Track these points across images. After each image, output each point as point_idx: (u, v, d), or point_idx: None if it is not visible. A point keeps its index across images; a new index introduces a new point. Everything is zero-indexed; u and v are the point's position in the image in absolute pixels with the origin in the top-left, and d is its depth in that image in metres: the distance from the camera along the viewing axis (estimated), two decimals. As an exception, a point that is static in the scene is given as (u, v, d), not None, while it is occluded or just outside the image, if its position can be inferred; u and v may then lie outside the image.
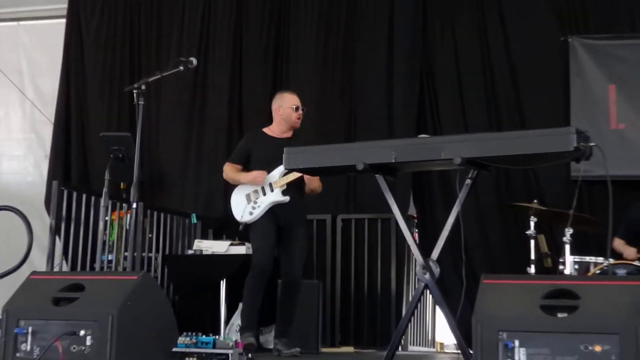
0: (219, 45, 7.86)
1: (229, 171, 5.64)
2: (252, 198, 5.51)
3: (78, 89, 8.13)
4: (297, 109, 5.65)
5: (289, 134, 5.63)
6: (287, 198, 5.44)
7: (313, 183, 5.53)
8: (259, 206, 5.48)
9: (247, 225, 5.49)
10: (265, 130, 5.70)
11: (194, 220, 7.31)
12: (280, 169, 5.46)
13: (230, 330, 6.05)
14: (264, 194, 5.52)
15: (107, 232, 6.43)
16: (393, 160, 3.70)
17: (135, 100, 4.79)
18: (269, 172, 5.55)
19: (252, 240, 5.53)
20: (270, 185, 5.52)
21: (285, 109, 5.66)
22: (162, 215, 7.03)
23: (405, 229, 3.90)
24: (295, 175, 5.42)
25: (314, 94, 7.45)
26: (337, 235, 7.12)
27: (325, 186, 5.78)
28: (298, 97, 5.72)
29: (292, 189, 5.52)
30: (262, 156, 5.54)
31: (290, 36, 7.64)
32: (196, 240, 6.57)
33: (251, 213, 5.46)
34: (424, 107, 7.21)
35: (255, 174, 5.49)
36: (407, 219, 6.00)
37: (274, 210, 5.49)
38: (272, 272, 5.45)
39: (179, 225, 7.20)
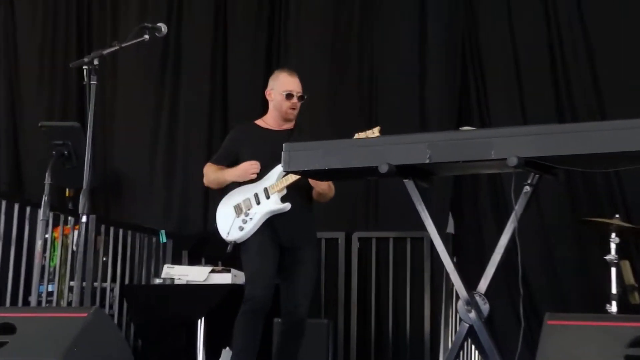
0: (196, 6, 7.76)
1: (211, 172, 5.60)
2: (242, 208, 5.46)
3: (9, 66, 8.11)
4: (289, 96, 5.57)
5: (289, 126, 5.59)
6: (287, 205, 5.38)
7: (321, 184, 5.44)
8: (251, 218, 5.42)
9: (237, 245, 5.41)
10: (259, 122, 5.65)
11: (164, 239, 7.30)
12: (279, 170, 5.39)
13: (212, 387, 6.15)
14: (258, 202, 5.46)
15: (47, 254, 6.37)
16: (427, 161, 3.66)
17: (85, 79, 4.76)
18: (263, 175, 5.49)
19: (244, 266, 5.47)
20: (266, 190, 5.45)
21: (276, 94, 5.63)
22: (120, 232, 6.95)
23: (444, 252, 3.86)
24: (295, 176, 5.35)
25: (324, 74, 7.29)
26: (352, 259, 7.05)
27: (339, 195, 5.66)
28: (299, 79, 5.64)
29: (295, 193, 5.46)
30: (254, 155, 5.49)
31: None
32: (166, 266, 6.57)
33: (241, 228, 5.39)
34: (468, 91, 7.12)
35: (244, 165, 5.46)
36: (446, 238, 5.91)
37: (273, 223, 5.42)
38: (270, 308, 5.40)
39: (143, 246, 7.14)
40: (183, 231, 7.51)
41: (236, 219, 5.43)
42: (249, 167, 5.39)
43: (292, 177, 5.36)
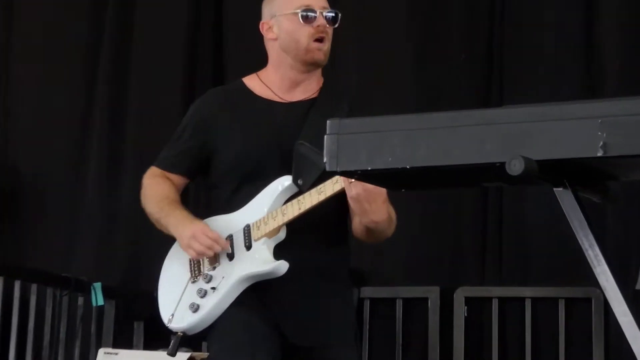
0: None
1: (149, 193, 4.10)
2: (202, 267, 3.95)
3: None
4: (308, 14, 3.97)
5: (311, 91, 4.06)
6: (279, 266, 3.83)
7: (376, 210, 3.72)
8: (213, 289, 3.88)
9: (190, 338, 3.97)
10: (251, 83, 4.10)
11: (99, 300, 5.60)
12: (278, 188, 3.84)
13: None
14: (230, 257, 3.89)
15: None
16: (600, 154, 2.60)
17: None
18: (253, 195, 3.90)
19: None
20: (247, 231, 3.89)
21: (283, 20, 4.02)
22: (17, 285, 5.37)
23: (632, 326, 2.77)
24: (316, 197, 3.76)
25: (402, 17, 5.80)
26: (455, 331, 5.68)
27: (416, 214, 4.35)
28: None
29: (309, 235, 3.89)
30: (240, 154, 3.94)
31: None
32: (101, 352, 5.01)
33: (195, 308, 3.91)
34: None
35: (196, 229, 3.90)
36: (635, 297, 4.91)
37: (265, 299, 3.89)
38: None
39: (59, 312, 5.52)
40: (134, 287, 5.86)
41: (189, 286, 3.92)
42: (202, 237, 3.83)
43: (304, 203, 3.78)
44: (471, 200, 5.83)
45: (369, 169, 2.73)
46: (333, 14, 4.05)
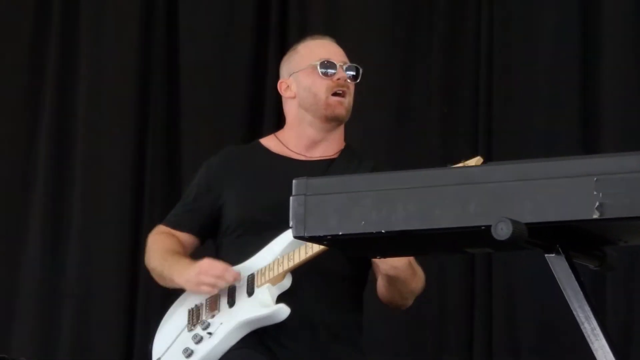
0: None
1: (155, 251, 4.13)
2: (202, 314, 4.02)
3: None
4: (328, 67, 4.02)
5: (331, 151, 4.11)
6: (278, 311, 3.87)
7: (394, 260, 3.76)
8: (210, 334, 3.93)
9: None
10: (268, 142, 4.17)
11: None
12: (284, 239, 3.90)
13: None
14: (231, 302, 3.96)
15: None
16: (596, 216, 2.61)
17: None
18: (257, 250, 3.94)
19: None
20: (251, 280, 3.96)
21: (302, 76, 4.07)
22: None
23: None
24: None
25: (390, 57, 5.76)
26: None
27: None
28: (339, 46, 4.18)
29: (320, 285, 3.91)
30: (252, 204, 4.00)
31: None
32: None
33: (189, 354, 3.96)
34: None
35: (201, 264, 3.98)
36: None
37: (263, 339, 3.90)
38: None
39: None
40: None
41: (185, 333, 4.01)
42: (211, 269, 3.95)
43: (312, 247, 3.86)
44: (457, 264, 5.83)
45: (340, 233, 2.71)
46: (354, 72, 4.13)
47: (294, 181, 2.82)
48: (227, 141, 5.62)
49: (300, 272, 3.93)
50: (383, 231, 2.72)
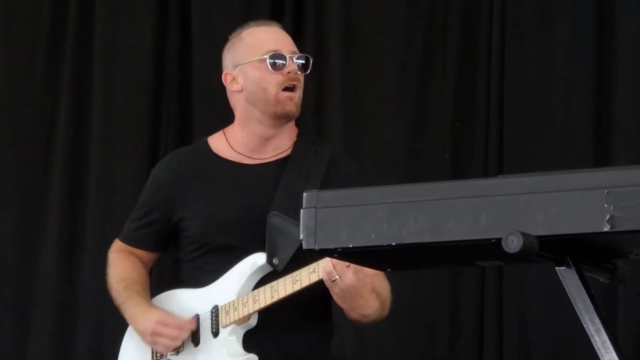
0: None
1: (113, 273, 3.92)
2: (165, 355, 3.82)
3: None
4: (277, 61, 3.70)
5: (283, 147, 3.83)
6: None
7: (361, 301, 3.54)
8: None
9: None
10: (216, 144, 3.88)
11: None
12: (249, 267, 3.67)
13: None
14: (196, 342, 3.74)
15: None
16: (607, 229, 2.57)
17: None
18: (222, 271, 3.75)
19: None
20: (215, 314, 3.76)
21: (249, 68, 3.75)
22: None
23: None
24: (290, 287, 3.62)
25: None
26: None
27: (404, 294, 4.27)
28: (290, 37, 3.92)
29: (284, 315, 3.69)
30: (207, 219, 3.75)
31: None
32: None
33: None
34: None
35: (154, 325, 3.77)
36: None
37: None
38: None
39: None
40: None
41: None
42: (164, 330, 3.75)
43: (277, 291, 3.65)
44: (468, 277, 5.75)
45: (350, 246, 2.66)
46: (304, 60, 3.84)
47: (304, 194, 2.68)
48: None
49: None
50: (394, 244, 2.68)
